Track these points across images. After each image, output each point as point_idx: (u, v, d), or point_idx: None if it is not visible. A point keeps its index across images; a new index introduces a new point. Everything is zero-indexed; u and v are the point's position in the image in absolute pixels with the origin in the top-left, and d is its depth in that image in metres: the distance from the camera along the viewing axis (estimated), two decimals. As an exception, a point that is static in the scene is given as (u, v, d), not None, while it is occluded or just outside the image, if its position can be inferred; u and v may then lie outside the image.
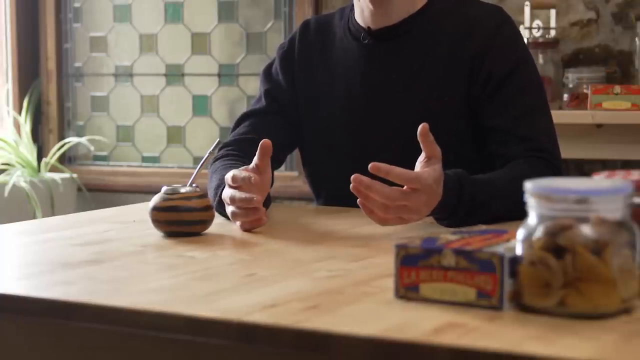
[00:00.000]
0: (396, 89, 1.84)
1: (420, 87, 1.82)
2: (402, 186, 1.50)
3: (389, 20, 1.85)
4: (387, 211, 1.49)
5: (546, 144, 1.77)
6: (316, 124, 1.91)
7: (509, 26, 1.84)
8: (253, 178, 1.57)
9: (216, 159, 1.88)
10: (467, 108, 1.80)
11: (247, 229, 1.59)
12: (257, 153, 1.62)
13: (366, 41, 1.87)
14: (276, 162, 1.86)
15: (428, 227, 1.59)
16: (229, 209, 1.61)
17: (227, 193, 1.61)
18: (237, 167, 1.70)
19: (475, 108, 1.80)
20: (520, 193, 1.57)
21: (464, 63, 1.80)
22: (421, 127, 1.52)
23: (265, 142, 1.61)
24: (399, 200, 1.49)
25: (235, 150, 1.89)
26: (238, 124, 1.96)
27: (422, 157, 1.55)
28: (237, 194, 1.58)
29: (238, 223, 1.60)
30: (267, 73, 1.99)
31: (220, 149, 1.92)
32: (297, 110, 1.94)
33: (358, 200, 1.49)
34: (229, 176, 1.61)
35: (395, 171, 1.48)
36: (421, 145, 1.53)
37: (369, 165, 1.47)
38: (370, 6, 1.83)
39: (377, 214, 1.50)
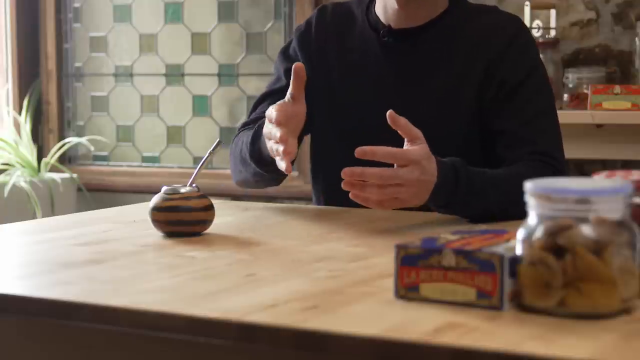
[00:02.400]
0: (410, 89, 1.86)
1: (434, 89, 1.84)
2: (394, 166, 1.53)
3: (411, 22, 1.88)
4: (383, 192, 1.52)
5: (550, 148, 1.79)
6: (328, 110, 1.92)
7: (525, 35, 1.88)
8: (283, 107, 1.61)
9: (235, 137, 1.92)
10: (477, 112, 1.83)
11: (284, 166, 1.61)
12: (291, 81, 1.66)
13: (385, 39, 1.88)
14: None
15: (428, 227, 1.60)
16: (269, 144, 1.65)
17: (266, 129, 1.66)
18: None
19: (485, 112, 1.82)
20: (517, 188, 1.56)
21: (478, 69, 1.83)
22: (389, 117, 1.56)
23: (297, 65, 1.64)
24: (392, 178, 1.52)
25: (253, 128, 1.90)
26: (257, 105, 1.97)
27: (405, 143, 1.58)
28: (273, 129, 1.62)
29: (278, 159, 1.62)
30: (285, 54, 2.00)
31: (239, 130, 1.93)
32: (313, 91, 1.94)
33: (350, 194, 1.52)
34: (268, 112, 1.65)
35: (381, 150, 1.52)
36: (400, 133, 1.57)
37: (355, 151, 1.51)
38: (396, 5, 1.85)
39: (373, 198, 1.53)
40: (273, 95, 1.95)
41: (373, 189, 1.53)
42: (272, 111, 1.64)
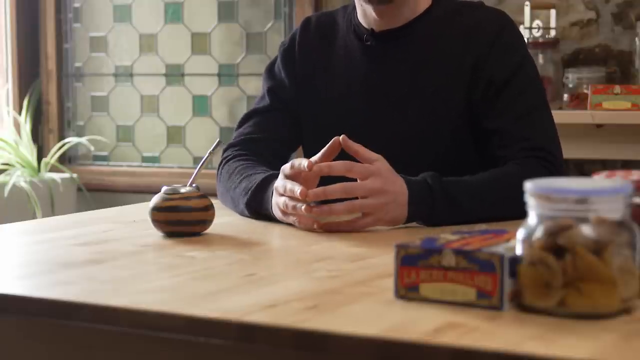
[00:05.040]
0: (397, 91, 1.84)
1: (422, 89, 1.83)
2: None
3: (392, 24, 1.86)
4: (351, 205, 1.53)
5: (545, 143, 1.77)
6: (316, 122, 1.92)
7: (510, 30, 1.85)
8: (306, 166, 1.56)
9: (226, 160, 1.87)
10: (467, 111, 1.81)
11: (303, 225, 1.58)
12: (326, 148, 1.61)
13: (369, 43, 1.88)
14: (281, 160, 1.86)
15: (428, 228, 1.59)
16: (280, 200, 1.59)
17: (280, 182, 1.60)
18: (254, 166, 1.76)
19: (475, 112, 1.81)
20: (501, 190, 1.56)
21: (465, 67, 1.81)
22: (342, 142, 1.57)
23: (336, 140, 1.60)
24: (355, 189, 1.53)
25: (242, 150, 1.88)
26: (242, 123, 1.96)
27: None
28: (289, 183, 1.57)
29: (292, 219, 1.59)
30: (270, 71, 1.99)
31: (225, 150, 1.91)
32: (299, 107, 1.94)
33: (320, 223, 1.55)
34: (286, 165, 1.60)
35: (337, 165, 1.55)
36: (358, 158, 1.57)
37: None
38: (375, 15, 1.84)
39: (340, 210, 1.54)
40: (257, 114, 1.95)
41: (340, 205, 1.53)
42: (289, 168, 1.59)
